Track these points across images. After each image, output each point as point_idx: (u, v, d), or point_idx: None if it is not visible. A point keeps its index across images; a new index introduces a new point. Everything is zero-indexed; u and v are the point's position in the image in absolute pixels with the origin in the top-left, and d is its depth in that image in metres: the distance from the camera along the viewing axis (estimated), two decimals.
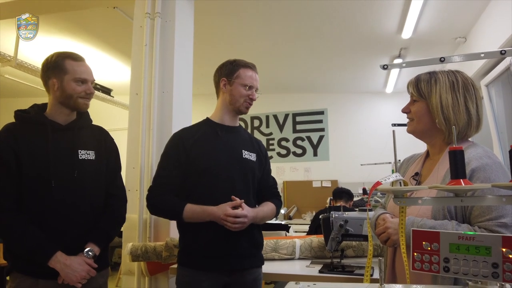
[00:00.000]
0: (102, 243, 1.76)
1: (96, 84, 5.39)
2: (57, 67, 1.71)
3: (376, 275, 1.80)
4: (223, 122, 1.91)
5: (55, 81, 1.70)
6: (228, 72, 1.88)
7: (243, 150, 1.87)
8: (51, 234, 1.62)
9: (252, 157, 1.90)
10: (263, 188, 1.98)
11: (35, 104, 1.80)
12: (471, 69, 4.25)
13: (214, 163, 1.79)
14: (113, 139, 1.96)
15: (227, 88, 1.87)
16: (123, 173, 2.56)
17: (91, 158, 1.77)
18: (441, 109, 1.32)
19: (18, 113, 1.74)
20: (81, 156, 1.73)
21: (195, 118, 2.67)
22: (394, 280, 1.39)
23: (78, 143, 1.75)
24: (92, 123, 1.90)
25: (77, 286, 1.61)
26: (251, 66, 1.92)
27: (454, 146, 0.89)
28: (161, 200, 1.80)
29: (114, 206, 1.85)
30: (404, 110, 1.44)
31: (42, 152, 1.66)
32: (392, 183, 1.04)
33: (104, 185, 1.83)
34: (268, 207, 1.90)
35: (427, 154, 1.48)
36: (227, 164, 1.81)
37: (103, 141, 1.87)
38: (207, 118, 1.95)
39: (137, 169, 2.56)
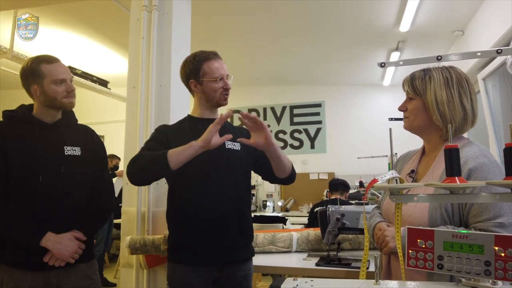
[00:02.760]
0: (87, 231, 1.82)
1: (93, 76, 5.37)
2: (34, 73, 1.75)
3: (372, 268, 1.83)
4: (203, 116, 1.86)
5: (36, 88, 1.75)
6: (194, 72, 1.80)
7: (226, 141, 1.80)
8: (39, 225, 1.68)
9: (236, 146, 1.85)
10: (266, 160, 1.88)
11: (23, 105, 1.86)
12: (468, 63, 4.26)
13: (195, 158, 1.72)
14: (99, 137, 2.02)
15: (199, 88, 1.81)
16: (121, 166, 2.57)
17: (77, 154, 1.82)
18: (437, 106, 1.32)
19: (6, 113, 1.81)
20: (67, 152, 1.79)
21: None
22: (389, 277, 1.41)
23: (64, 140, 1.80)
24: (78, 122, 1.96)
25: (70, 261, 1.68)
26: (213, 56, 1.80)
27: (449, 144, 0.90)
28: (140, 156, 1.66)
29: (102, 199, 1.91)
30: (400, 109, 1.45)
31: (30, 149, 1.71)
32: (388, 181, 1.05)
33: (90, 180, 1.87)
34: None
35: (423, 151, 1.48)
36: (208, 157, 1.72)
37: (89, 139, 1.92)
38: (188, 115, 1.92)
39: None
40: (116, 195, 4.82)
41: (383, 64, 1.16)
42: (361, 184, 5.28)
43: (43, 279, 1.68)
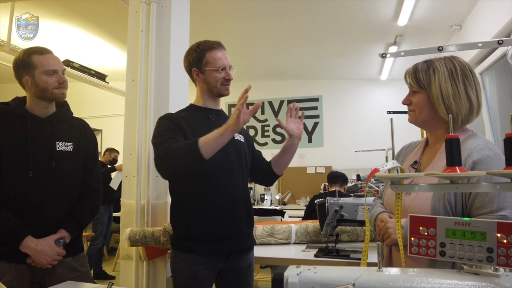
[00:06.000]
0: (75, 232, 1.82)
1: (91, 70, 5.35)
2: (26, 64, 1.75)
3: (370, 259, 1.84)
4: (207, 106, 1.87)
5: (27, 78, 1.76)
6: (196, 61, 1.80)
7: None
8: (26, 220, 1.69)
9: (242, 138, 1.89)
10: (262, 161, 2.01)
11: (17, 97, 1.85)
12: (465, 57, 4.21)
13: None
14: (92, 132, 2.01)
15: (201, 77, 1.81)
16: (120, 159, 2.56)
17: (69, 150, 1.82)
18: (442, 99, 1.29)
19: (0, 106, 1.80)
20: (58, 148, 1.79)
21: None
22: (390, 266, 1.41)
23: (56, 135, 1.80)
24: (73, 115, 1.95)
25: (48, 267, 1.69)
26: (216, 46, 1.80)
27: (450, 134, 0.90)
28: (173, 148, 1.56)
29: (89, 197, 1.91)
30: (404, 102, 1.41)
31: (22, 143, 1.72)
32: (389, 170, 1.05)
33: (81, 176, 1.87)
34: None
35: (426, 142, 1.46)
36: (224, 147, 1.72)
37: (82, 134, 1.91)
38: (191, 104, 1.91)
39: (134, 155, 2.57)
40: (116, 188, 4.84)
41: (384, 55, 1.16)
42: (358, 177, 5.28)
43: (28, 270, 1.70)
